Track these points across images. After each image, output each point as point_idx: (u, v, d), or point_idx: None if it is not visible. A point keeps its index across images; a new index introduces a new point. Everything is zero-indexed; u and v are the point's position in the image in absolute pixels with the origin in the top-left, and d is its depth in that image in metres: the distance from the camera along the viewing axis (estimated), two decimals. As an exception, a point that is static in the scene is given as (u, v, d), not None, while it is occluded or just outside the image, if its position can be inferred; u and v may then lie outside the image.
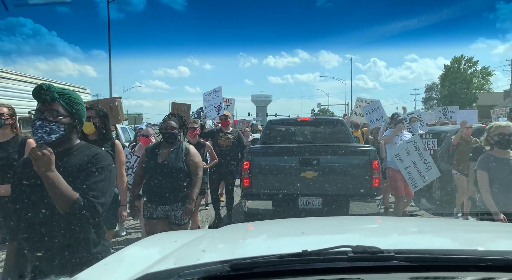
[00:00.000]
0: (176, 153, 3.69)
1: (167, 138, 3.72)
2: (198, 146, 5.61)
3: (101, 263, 1.33)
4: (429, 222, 2.21)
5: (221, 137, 6.68)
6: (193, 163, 3.73)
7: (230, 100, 9.31)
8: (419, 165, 5.83)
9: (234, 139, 6.71)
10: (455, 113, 12.67)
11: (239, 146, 6.79)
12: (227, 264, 1.09)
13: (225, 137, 6.68)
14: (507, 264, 1.06)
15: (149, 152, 3.78)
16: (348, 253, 1.09)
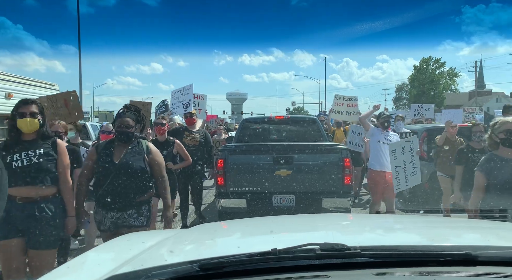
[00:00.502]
0: (135, 152, 3.25)
1: (122, 138, 3.23)
2: (167, 144, 5.29)
3: (64, 266, 1.29)
4: (396, 219, 2.28)
5: (186, 136, 6.24)
6: (157, 163, 3.33)
7: (202, 96, 8.71)
8: (408, 167, 5.51)
9: (200, 139, 6.30)
10: (431, 111, 12.24)
11: (205, 146, 6.40)
12: (196, 264, 1.08)
13: (191, 136, 6.26)
14: (465, 258, 1.10)
15: (101, 150, 3.28)
16: (316, 250, 1.11)
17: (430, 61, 53.64)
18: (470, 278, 1.04)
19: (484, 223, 2.24)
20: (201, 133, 6.46)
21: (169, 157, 5.15)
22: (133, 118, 3.28)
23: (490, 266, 1.10)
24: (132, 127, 3.24)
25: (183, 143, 5.90)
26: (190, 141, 6.18)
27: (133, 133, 3.26)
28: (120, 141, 3.27)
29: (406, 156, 5.52)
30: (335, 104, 9.03)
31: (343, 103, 8.93)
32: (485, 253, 1.14)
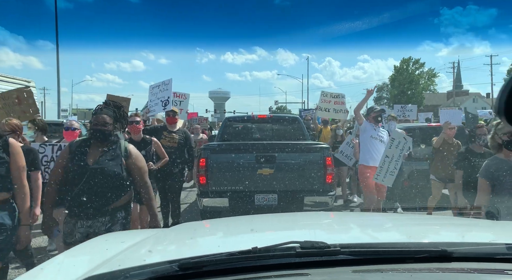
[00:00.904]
0: (112, 155, 2.89)
1: (97, 136, 2.88)
2: (144, 143, 4.95)
3: (37, 268, 1.25)
4: (376, 217, 2.32)
5: (165, 136, 5.83)
6: (137, 169, 2.95)
7: (184, 95, 8.17)
8: (392, 164, 5.34)
9: (180, 139, 5.88)
10: (413, 111, 12.01)
11: (185, 147, 5.97)
12: (175, 264, 1.06)
13: (170, 136, 5.84)
14: (441, 254, 1.13)
15: (75, 149, 2.90)
16: (296, 249, 1.11)
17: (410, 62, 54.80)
18: (445, 274, 1.07)
19: (460, 221, 2.30)
20: (181, 133, 6.03)
21: (148, 157, 4.85)
22: (111, 115, 2.94)
23: (464, 262, 1.13)
24: (109, 124, 2.89)
25: (161, 144, 5.54)
26: (168, 142, 5.76)
27: (111, 131, 2.91)
28: (95, 140, 2.92)
29: (396, 152, 5.39)
30: (321, 101, 8.68)
31: (330, 100, 8.64)
32: (459, 250, 1.17)
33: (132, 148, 3.02)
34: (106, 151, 2.89)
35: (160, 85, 6.50)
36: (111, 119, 2.92)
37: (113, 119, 2.94)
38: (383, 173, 5.36)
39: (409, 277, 1.04)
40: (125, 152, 2.94)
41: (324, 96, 8.68)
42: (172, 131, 5.92)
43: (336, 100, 8.61)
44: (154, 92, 6.51)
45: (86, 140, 3.02)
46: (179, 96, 7.90)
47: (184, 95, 8.11)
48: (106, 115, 2.91)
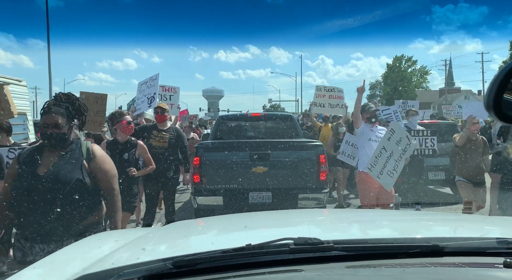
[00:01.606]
0: (70, 158, 2.39)
1: (49, 143, 2.37)
2: (128, 146, 4.51)
3: (30, 267, 1.24)
4: (369, 214, 2.34)
5: (154, 136, 5.27)
6: (104, 172, 2.47)
7: (174, 89, 7.44)
8: (390, 162, 4.65)
9: (171, 138, 5.31)
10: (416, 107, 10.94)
11: (178, 146, 5.42)
12: (169, 262, 1.07)
13: (160, 135, 5.28)
14: (433, 249, 1.14)
15: (23, 159, 2.39)
16: (290, 245, 1.12)
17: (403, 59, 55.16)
18: (437, 268, 1.08)
19: (451, 216, 2.33)
20: (172, 131, 5.43)
21: (131, 161, 4.47)
22: (63, 113, 2.39)
23: (456, 256, 1.14)
24: (62, 125, 2.37)
25: (149, 145, 5.09)
26: (157, 142, 5.24)
27: (65, 133, 2.39)
28: (48, 146, 2.41)
29: (396, 149, 4.72)
30: (316, 96, 8.12)
31: (325, 94, 8.05)
32: (451, 244, 1.18)
33: (96, 148, 2.54)
34: (62, 155, 2.40)
35: (148, 81, 5.92)
36: (63, 118, 2.39)
37: (67, 117, 2.42)
38: (378, 167, 4.63)
39: (402, 272, 1.05)
40: (87, 153, 2.45)
41: (318, 90, 8.16)
42: (162, 129, 5.37)
43: (331, 94, 8.04)
44: (141, 89, 5.95)
45: (38, 147, 2.51)
46: (169, 90, 7.33)
47: (174, 88, 7.48)
48: (56, 114, 2.39)
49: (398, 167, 4.76)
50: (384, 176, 4.71)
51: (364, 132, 5.09)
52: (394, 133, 4.77)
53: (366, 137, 5.06)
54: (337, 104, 8.00)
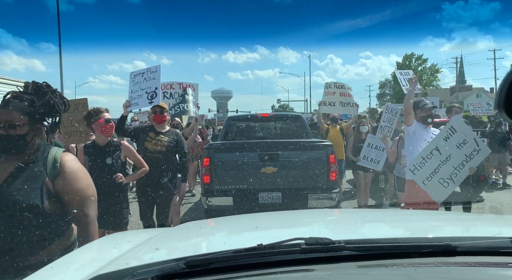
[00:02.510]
0: (28, 173, 1.81)
1: (3, 147, 1.81)
2: (111, 148, 3.78)
3: (47, 267, 1.27)
4: (380, 213, 2.33)
5: (150, 138, 4.59)
6: (72, 193, 1.85)
7: (193, 86, 6.34)
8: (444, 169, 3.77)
9: (170, 142, 4.64)
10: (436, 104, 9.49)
11: (177, 152, 4.75)
12: (182, 262, 1.08)
13: (157, 138, 4.61)
14: (445, 249, 1.14)
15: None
16: (301, 245, 1.12)
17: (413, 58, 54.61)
18: (450, 268, 1.08)
19: (463, 215, 2.31)
20: (171, 135, 4.76)
21: (116, 167, 3.75)
22: (23, 109, 1.82)
23: (468, 256, 1.14)
24: (19, 126, 1.80)
25: (145, 149, 4.53)
26: (154, 146, 4.58)
27: (24, 136, 1.81)
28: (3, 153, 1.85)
29: (456, 154, 3.80)
30: (325, 94, 7.31)
31: (335, 91, 7.21)
32: (463, 244, 1.18)
33: (67, 159, 1.90)
34: (20, 167, 1.82)
35: (144, 72, 4.97)
36: (23, 115, 1.82)
37: (29, 115, 1.84)
38: (425, 171, 3.81)
39: (414, 271, 1.05)
40: (52, 167, 1.84)
41: (327, 87, 7.34)
42: (160, 132, 4.70)
43: (342, 91, 7.24)
44: (136, 81, 4.96)
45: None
46: (187, 87, 6.24)
47: (192, 85, 6.35)
48: (14, 109, 1.81)
49: (458, 176, 3.81)
50: (433, 183, 3.82)
51: (417, 132, 4.26)
52: (455, 133, 3.84)
53: (419, 139, 4.24)
54: (348, 102, 7.26)
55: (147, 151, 4.53)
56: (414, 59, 54.56)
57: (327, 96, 7.28)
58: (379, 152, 5.97)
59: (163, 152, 4.59)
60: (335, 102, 7.18)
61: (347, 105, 7.22)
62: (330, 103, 7.25)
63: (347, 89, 7.29)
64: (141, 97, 4.83)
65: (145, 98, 4.79)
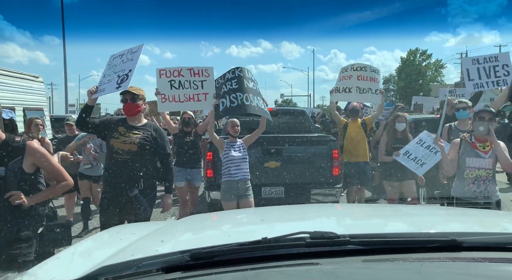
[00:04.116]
0: None
1: None
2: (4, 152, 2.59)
3: (54, 257, 1.28)
4: (384, 208, 2.32)
5: (119, 134, 3.47)
6: None
7: (206, 71, 4.94)
8: None
9: (144, 140, 3.48)
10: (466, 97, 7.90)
11: (153, 153, 3.57)
12: (187, 254, 1.08)
13: (127, 134, 3.47)
14: (451, 244, 1.13)
15: None
16: (306, 239, 1.12)
17: (417, 53, 54.21)
18: (455, 263, 1.07)
19: (469, 211, 2.30)
20: (149, 130, 3.58)
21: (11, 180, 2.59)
22: None
23: (475, 251, 1.13)
24: None
25: (110, 148, 3.48)
26: (121, 144, 3.44)
27: None
28: None
29: None
30: (340, 79, 5.69)
31: (351, 75, 5.52)
32: (469, 239, 1.17)
33: None
34: None
35: (125, 53, 3.92)
36: None
37: None
38: None
39: (420, 266, 1.05)
40: None
41: (343, 72, 5.70)
42: (133, 126, 3.55)
43: (360, 74, 5.49)
44: (112, 65, 3.95)
45: None
46: (199, 73, 4.97)
47: (205, 70, 4.99)
48: None
49: None
50: None
51: None
52: None
53: None
54: (368, 88, 5.49)
55: (113, 150, 3.47)
56: (419, 54, 54.15)
57: (342, 81, 5.66)
58: (430, 153, 4.61)
59: (134, 152, 3.43)
60: (351, 87, 5.51)
61: (367, 91, 5.47)
62: (344, 89, 5.57)
63: (370, 72, 5.53)
64: (111, 82, 3.75)
65: (113, 83, 3.69)
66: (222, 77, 4.78)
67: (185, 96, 4.85)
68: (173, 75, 4.85)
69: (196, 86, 4.90)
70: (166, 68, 4.90)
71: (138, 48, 3.89)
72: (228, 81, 4.62)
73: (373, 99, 5.78)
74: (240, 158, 4.62)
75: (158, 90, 4.81)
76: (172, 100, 4.83)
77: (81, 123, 3.58)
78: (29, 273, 1.17)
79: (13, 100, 9.22)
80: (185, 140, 5.70)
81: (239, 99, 4.44)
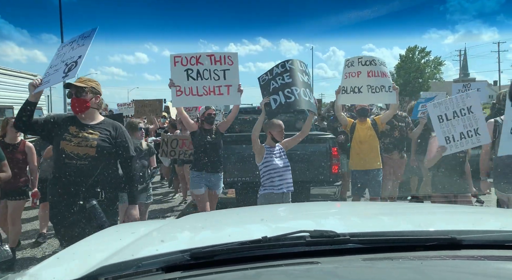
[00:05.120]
0: None
1: None
2: None
3: (53, 257, 1.28)
4: (384, 206, 2.33)
5: (70, 136, 2.90)
6: None
7: (229, 57, 4.20)
8: None
9: (103, 141, 2.95)
10: (483, 92, 7.57)
11: (114, 157, 3.05)
12: (187, 253, 1.08)
13: (81, 135, 2.92)
14: (451, 242, 1.14)
15: None
16: (306, 237, 1.12)
17: (416, 50, 54.17)
18: (455, 261, 1.07)
19: (468, 209, 2.30)
20: (107, 128, 3.03)
21: None
22: None
23: (474, 249, 1.13)
24: None
25: (60, 152, 2.88)
26: (75, 147, 2.88)
27: None
28: None
29: None
30: (345, 76, 4.88)
31: (360, 71, 4.75)
32: (469, 237, 1.17)
33: None
34: None
35: (75, 39, 3.27)
36: None
37: None
38: None
39: (420, 265, 1.05)
40: None
41: (349, 66, 4.86)
42: (87, 125, 3.00)
43: (371, 69, 4.75)
44: (61, 53, 3.30)
45: None
46: (220, 61, 4.16)
47: (228, 57, 4.19)
48: None
49: None
50: None
51: None
52: None
53: None
54: (381, 85, 4.71)
55: (64, 155, 2.86)
56: (418, 51, 54.12)
57: (349, 79, 4.84)
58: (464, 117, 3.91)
59: (91, 157, 2.90)
60: (361, 86, 4.72)
61: (380, 90, 4.70)
62: (353, 90, 4.79)
63: (380, 66, 4.79)
64: (57, 72, 3.12)
65: (61, 71, 3.07)
66: (269, 73, 4.13)
67: (204, 88, 4.10)
68: (190, 63, 4.11)
69: (217, 77, 4.14)
70: (182, 54, 4.15)
71: (91, 32, 3.29)
72: (278, 75, 4.01)
73: (387, 98, 4.87)
74: (284, 166, 3.94)
75: (172, 81, 4.10)
76: (189, 93, 4.08)
77: (20, 124, 2.94)
78: (29, 273, 1.17)
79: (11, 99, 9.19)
80: (207, 140, 4.81)
81: (296, 94, 3.86)
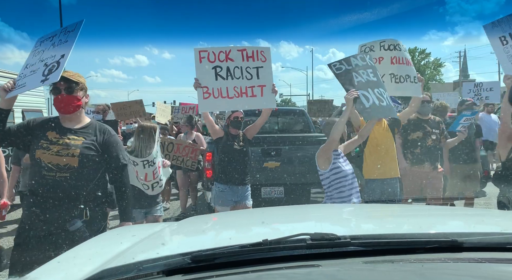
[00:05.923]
0: None
1: None
2: None
3: (54, 261, 1.28)
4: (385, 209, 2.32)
5: (48, 143, 2.42)
6: None
7: (262, 52, 3.59)
8: None
9: (87, 148, 2.47)
10: (496, 91, 7.14)
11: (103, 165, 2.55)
12: (187, 256, 1.08)
13: (62, 142, 2.43)
14: (452, 245, 1.13)
15: None
16: (307, 240, 1.12)
17: (416, 52, 54.26)
18: (456, 264, 1.07)
19: (469, 211, 2.30)
20: (92, 132, 2.55)
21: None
22: None
23: (475, 252, 1.13)
24: None
25: (37, 163, 2.40)
26: (53, 157, 2.39)
27: None
28: None
29: None
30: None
31: (382, 57, 3.90)
32: (470, 240, 1.17)
33: None
34: None
35: (57, 34, 2.79)
36: None
37: None
38: None
39: (421, 267, 1.04)
40: None
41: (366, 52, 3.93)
42: (69, 129, 2.52)
43: (395, 54, 3.90)
44: (39, 50, 2.81)
45: None
46: (253, 57, 3.56)
47: (261, 52, 3.60)
48: None
49: None
50: None
51: None
52: None
53: None
54: (406, 75, 3.89)
55: (41, 166, 2.38)
56: (417, 53, 54.21)
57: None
58: None
59: (74, 168, 2.40)
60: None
61: (405, 80, 3.86)
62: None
63: (404, 52, 3.99)
64: (35, 73, 2.61)
65: (39, 73, 2.56)
66: (345, 63, 3.26)
67: (235, 89, 3.44)
68: (218, 59, 3.48)
69: (250, 75, 3.50)
70: (209, 49, 3.50)
71: (76, 25, 2.76)
72: (361, 69, 3.21)
73: (412, 90, 3.99)
74: (352, 173, 3.26)
75: (198, 81, 3.44)
76: (218, 95, 3.42)
77: None
78: (30, 277, 1.17)
79: (11, 101, 9.17)
80: (234, 148, 4.09)
81: (385, 97, 3.12)
